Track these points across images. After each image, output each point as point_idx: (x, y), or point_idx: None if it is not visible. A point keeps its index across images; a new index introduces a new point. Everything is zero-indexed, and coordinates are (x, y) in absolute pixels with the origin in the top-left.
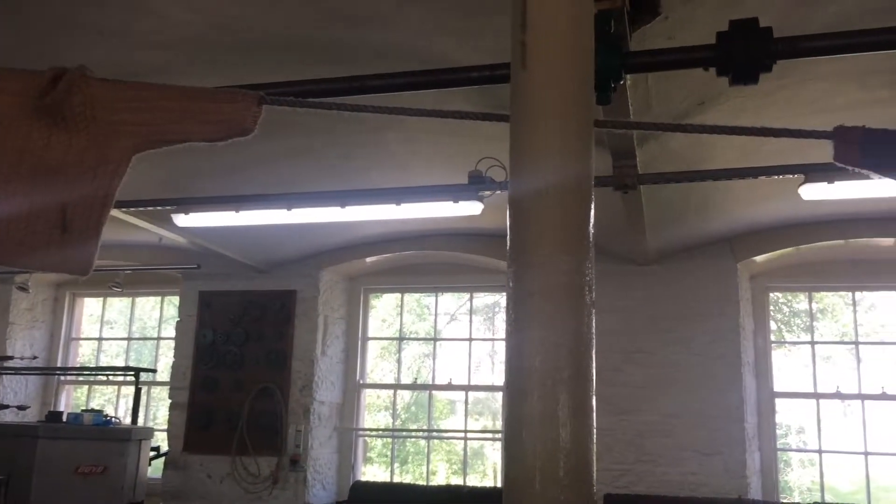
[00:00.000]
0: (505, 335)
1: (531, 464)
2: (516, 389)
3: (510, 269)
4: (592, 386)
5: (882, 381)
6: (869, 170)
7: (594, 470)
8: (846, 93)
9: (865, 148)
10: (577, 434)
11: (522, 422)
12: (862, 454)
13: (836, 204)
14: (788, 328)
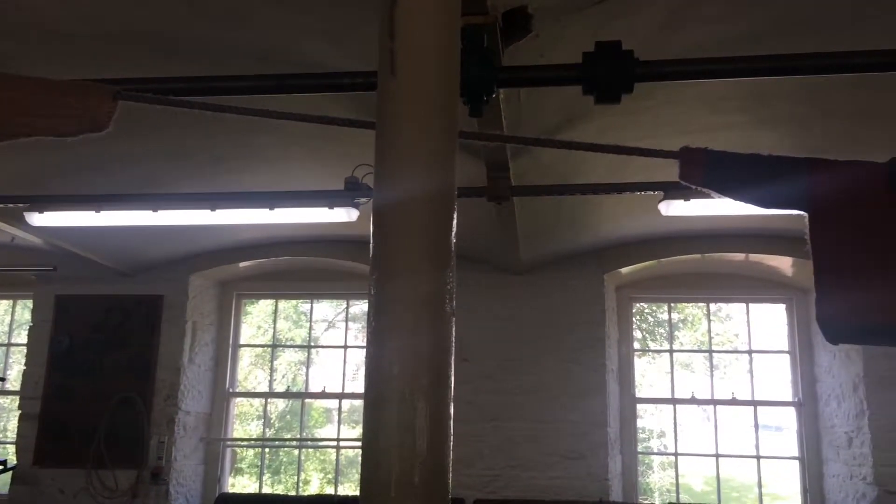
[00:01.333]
0: (365, 343)
1: (387, 471)
2: (374, 397)
3: (372, 276)
4: (450, 394)
5: (733, 387)
6: (711, 188)
7: (450, 477)
8: (702, 116)
9: (708, 168)
10: (435, 442)
11: (380, 430)
12: (713, 456)
13: (694, 220)
14: (652, 337)
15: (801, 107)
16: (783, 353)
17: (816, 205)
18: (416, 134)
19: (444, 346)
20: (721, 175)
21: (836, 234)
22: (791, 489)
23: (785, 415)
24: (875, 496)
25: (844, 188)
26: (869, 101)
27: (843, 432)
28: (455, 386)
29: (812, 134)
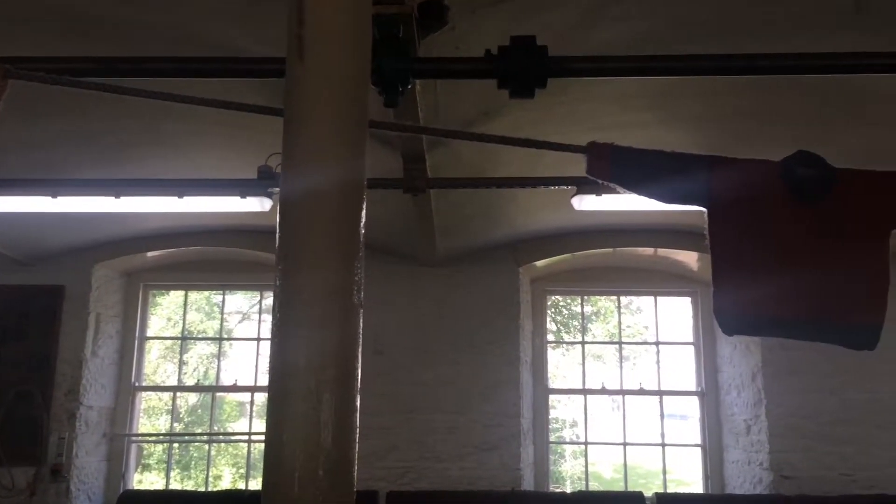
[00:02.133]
0: (270, 335)
1: (290, 465)
2: (279, 389)
3: (278, 267)
4: (357, 386)
5: (642, 378)
6: (616, 183)
7: (355, 470)
8: (614, 113)
9: (614, 163)
10: (340, 435)
11: (284, 422)
12: (621, 445)
13: (605, 215)
14: (567, 329)
15: (707, 106)
16: (688, 345)
17: (715, 201)
18: (325, 121)
19: (352, 337)
20: (626, 170)
21: (733, 229)
22: (694, 475)
23: (689, 404)
24: (771, 480)
25: (742, 185)
26: (770, 102)
27: (742, 420)
28: (370, 378)
29: (717, 133)
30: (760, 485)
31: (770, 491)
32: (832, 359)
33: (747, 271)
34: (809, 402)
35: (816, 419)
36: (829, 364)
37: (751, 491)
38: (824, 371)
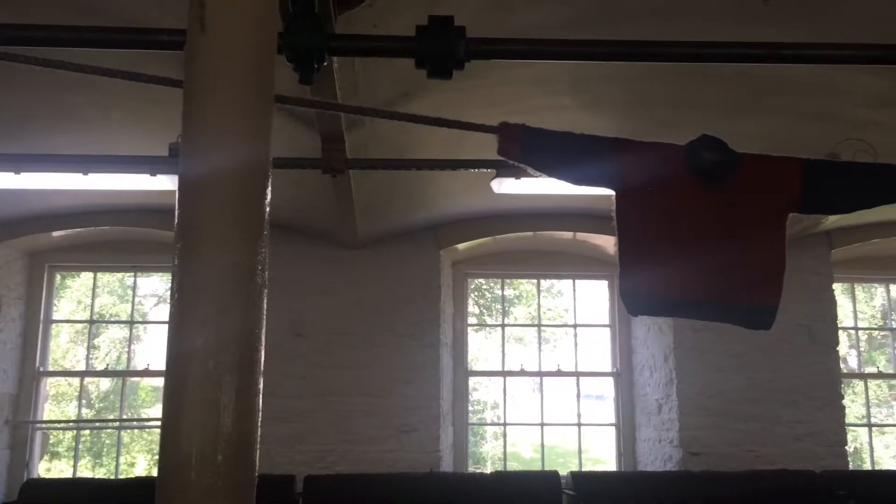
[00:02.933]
0: (168, 317)
1: (187, 450)
2: (177, 373)
3: (176, 246)
4: (259, 368)
5: (562, 360)
6: (527, 164)
7: (257, 455)
8: (535, 97)
9: (524, 143)
10: (240, 418)
11: (181, 406)
12: (538, 425)
13: (525, 199)
14: (489, 312)
15: (627, 92)
16: (605, 327)
17: (622, 183)
18: (226, 96)
19: (255, 319)
20: (536, 151)
21: (639, 211)
22: (609, 454)
23: (606, 384)
24: (680, 457)
25: (648, 168)
26: (685, 89)
27: (654, 400)
28: (289, 361)
29: (638, 118)
30: (670, 462)
31: (679, 467)
32: (740, 340)
33: (652, 253)
34: (718, 381)
35: (724, 398)
36: (737, 345)
37: (661, 468)
38: (733, 352)
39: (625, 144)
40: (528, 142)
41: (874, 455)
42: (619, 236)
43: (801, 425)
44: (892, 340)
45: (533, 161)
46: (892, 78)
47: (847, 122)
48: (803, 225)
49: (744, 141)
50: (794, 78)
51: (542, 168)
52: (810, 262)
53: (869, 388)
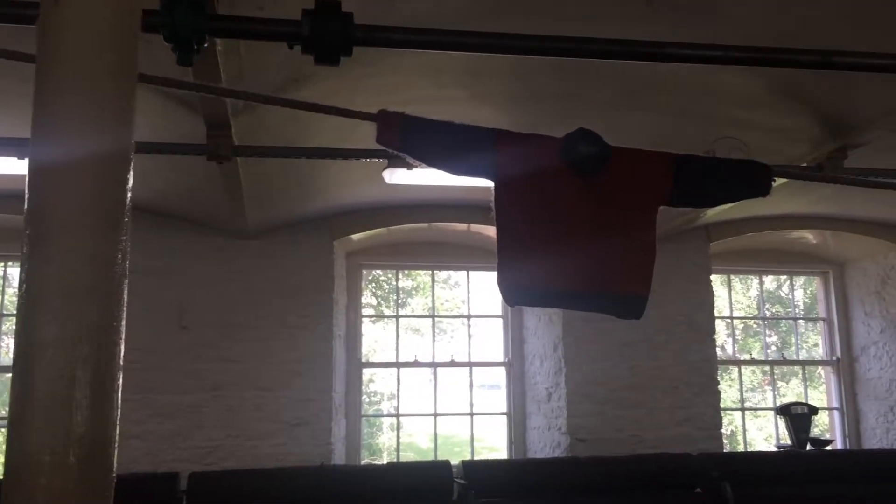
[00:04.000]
0: (16, 308)
1: (36, 450)
2: (25, 368)
3: (26, 232)
4: (118, 363)
5: (459, 350)
6: (406, 153)
7: (115, 454)
8: (426, 87)
9: (404, 132)
10: (95, 416)
11: (29, 403)
12: (432, 415)
13: (419, 189)
14: (387, 303)
15: (519, 86)
16: (497, 318)
17: (501, 174)
18: (81, 73)
19: (112, 311)
20: (416, 140)
21: (516, 203)
22: (503, 442)
23: (500, 374)
24: (568, 444)
25: (526, 160)
26: (575, 85)
27: (544, 388)
28: (173, 355)
29: (525, 112)
30: (559, 448)
31: (566, 454)
32: (625, 330)
33: (528, 244)
34: (604, 369)
35: (609, 385)
36: (622, 335)
37: (550, 454)
38: (618, 341)
39: (503, 136)
40: (407, 130)
41: (748, 437)
42: (497, 227)
43: (681, 411)
44: (764, 329)
45: (413, 150)
46: (766, 80)
47: (724, 121)
48: (683, 219)
49: (628, 137)
50: (676, 77)
51: (421, 157)
52: (689, 255)
53: (743, 375)
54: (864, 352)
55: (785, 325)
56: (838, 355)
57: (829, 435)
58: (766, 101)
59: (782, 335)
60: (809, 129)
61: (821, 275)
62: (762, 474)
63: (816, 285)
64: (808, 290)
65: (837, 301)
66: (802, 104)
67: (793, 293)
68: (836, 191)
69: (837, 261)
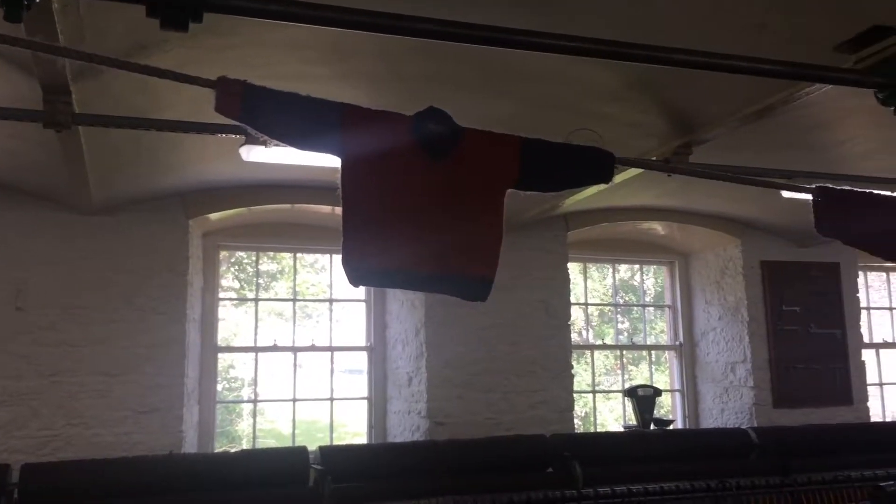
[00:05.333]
0: None
1: None
2: None
3: None
4: None
5: (323, 335)
6: (248, 124)
7: None
8: (289, 63)
9: (245, 101)
10: None
11: None
12: (290, 401)
13: (282, 169)
14: (251, 286)
15: (385, 67)
16: (360, 302)
17: (348, 151)
18: None
19: None
20: (258, 110)
21: (365, 181)
22: (365, 427)
23: (362, 358)
24: (427, 428)
25: (374, 137)
26: (440, 69)
27: (405, 373)
28: (8, 338)
29: (389, 93)
30: (418, 432)
31: (426, 437)
32: (485, 315)
33: (374, 223)
34: (464, 354)
35: (469, 370)
36: (482, 319)
37: (409, 438)
38: (477, 326)
39: (351, 111)
40: (248, 100)
41: (601, 418)
42: (343, 205)
43: (536, 394)
44: (615, 315)
45: (255, 122)
46: (622, 74)
47: (582, 113)
48: (543, 208)
49: (489, 123)
50: (539, 67)
51: (264, 129)
52: (548, 243)
53: (597, 359)
54: (704, 337)
55: (636, 311)
56: (681, 340)
57: (672, 415)
58: (621, 95)
59: (633, 322)
60: (659, 124)
61: (668, 264)
62: (609, 453)
63: (664, 274)
64: (658, 279)
65: (682, 289)
66: (653, 100)
67: (642, 282)
68: (682, 185)
69: (683, 251)
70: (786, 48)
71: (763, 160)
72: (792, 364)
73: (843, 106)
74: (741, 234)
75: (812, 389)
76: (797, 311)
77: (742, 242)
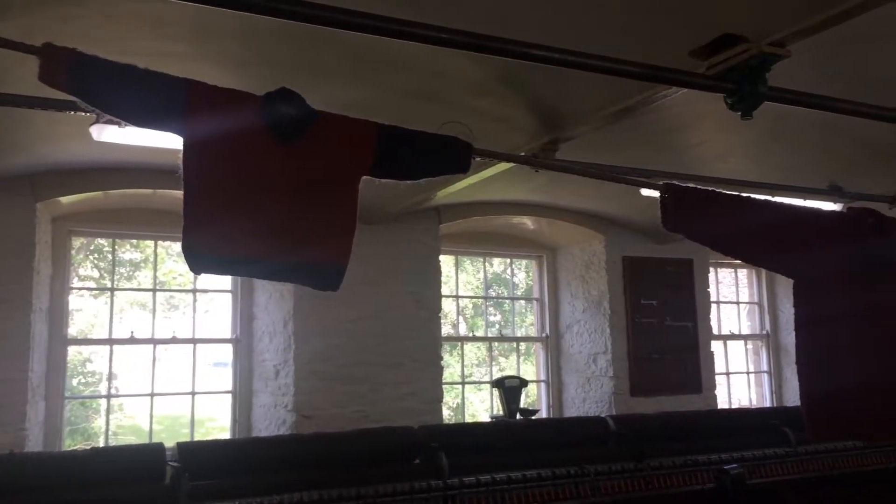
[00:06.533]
0: None
1: None
2: None
3: None
4: None
5: (188, 327)
6: (77, 96)
7: None
8: (144, 39)
9: (74, 72)
10: None
11: None
12: (149, 395)
13: (141, 152)
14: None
15: (251, 50)
16: (226, 293)
17: (191, 131)
18: None
19: None
20: (90, 82)
21: (208, 162)
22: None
23: (228, 351)
24: (293, 421)
25: (220, 116)
26: (308, 55)
27: (272, 365)
28: None
29: (255, 77)
30: (284, 426)
31: (291, 431)
32: (354, 306)
33: (218, 208)
34: (333, 346)
35: (337, 362)
36: (351, 311)
37: (275, 432)
38: (347, 318)
39: (196, 88)
40: (78, 70)
41: (473, 409)
42: (184, 187)
43: (406, 385)
44: (485, 308)
45: (86, 94)
46: (491, 68)
47: (455, 106)
48: (415, 200)
49: (355, 110)
50: (412, 57)
51: (98, 104)
52: (420, 235)
53: (471, 351)
54: (569, 329)
55: (508, 304)
56: (548, 333)
57: (537, 405)
58: (490, 89)
59: (505, 314)
60: (527, 120)
61: (537, 259)
62: (475, 443)
63: (533, 268)
64: (529, 273)
65: (549, 283)
66: (522, 96)
67: (513, 275)
68: (550, 182)
69: (551, 246)
70: (646, 51)
71: (626, 159)
72: (648, 355)
73: (698, 110)
74: (605, 231)
75: (666, 379)
76: (654, 305)
77: (606, 238)
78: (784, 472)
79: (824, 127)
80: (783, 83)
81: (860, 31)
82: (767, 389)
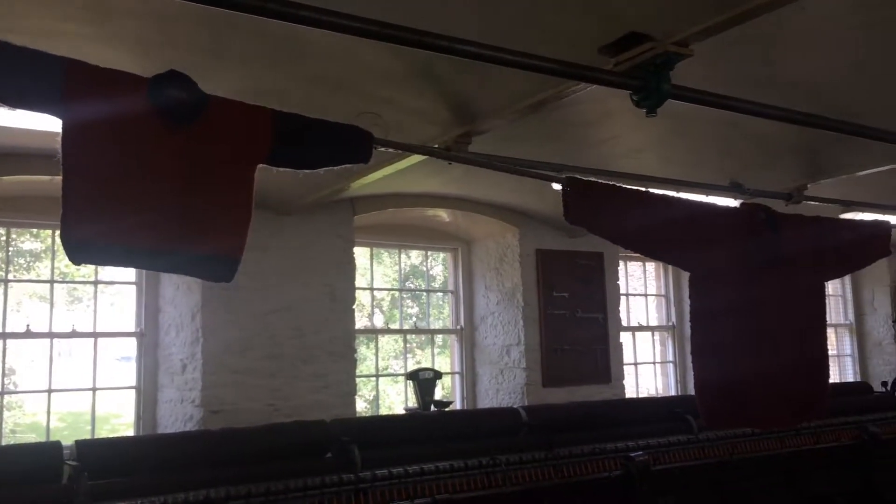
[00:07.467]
0: None
1: None
2: None
3: None
4: None
5: (92, 319)
6: None
7: None
8: (41, 18)
9: None
10: None
11: None
12: (46, 392)
13: (42, 137)
14: (15, 266)
15: (149, 30)
16: (131, 285)
17: (71, 113)
18: None
19: None
20: None
21: (90, 146)
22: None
23: (131, 345)
24: (201, 416)
25: (103, 98)
26: (214, 38)
27: (178, 360)
28: None
29: (159, 60)
30: (191, 422)
31: (199, 427)
32: (266, 299)
33: (101, 196)
34: (244, 339)
35: (249, 355)
36: (263, 304)
37: (181, 428)
38: (260, 310)
39: (76, 67)
40: None
41: (389, 401)
42: (63, 173)
43: (319, 378)
44: (401, 300)
45: None
46: (405, 60)
47: (368, 97)
48: (328, 191)
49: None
50: (326, 47)
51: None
52: (334, 227)
53: (388, 343)
54: (483, 321)
55: (424, 296)
56: (462, 325)
57: (452, 397)
58: (404, 81)
59: (422, 307)
60: (441, 112)
61: (452, 251)
62: (388, 436)
63: (449, 261)
64: (446, 266)
65: (464, 275)
66: (436, 88)
67: (429, 268)
68: (465, 174)
69: (466, 238)
70: (559, 47)
71: (538, 153)
72: (560, 346)
73: (608, 106)
74: (519, 223)
75: (576, 369)
76: (566, 297)
77: (520, 231)
78: (686, 458)
79: (726, 125)
80: (687, 82)
81: (764, 32)
82: (673, 379)
